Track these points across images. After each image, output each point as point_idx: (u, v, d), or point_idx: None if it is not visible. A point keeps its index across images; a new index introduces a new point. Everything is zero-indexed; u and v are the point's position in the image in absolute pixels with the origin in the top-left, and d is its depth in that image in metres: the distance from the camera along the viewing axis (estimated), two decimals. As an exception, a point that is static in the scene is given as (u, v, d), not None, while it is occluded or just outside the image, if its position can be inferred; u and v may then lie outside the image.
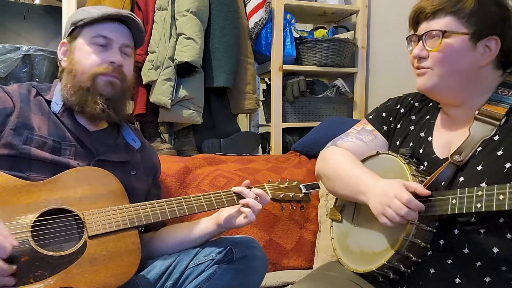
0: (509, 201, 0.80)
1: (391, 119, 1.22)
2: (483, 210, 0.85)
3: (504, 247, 0.91)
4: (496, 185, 0.84)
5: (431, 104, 1.17)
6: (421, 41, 1.03)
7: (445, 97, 1.07)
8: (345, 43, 2.26)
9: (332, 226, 1.26)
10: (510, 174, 0.91)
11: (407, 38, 1.10)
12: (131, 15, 1.17)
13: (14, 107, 1.07)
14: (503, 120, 0.98)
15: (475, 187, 0.88)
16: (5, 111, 1.06)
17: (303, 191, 1.30)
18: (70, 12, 1.94)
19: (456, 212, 0.90)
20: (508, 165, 0.92)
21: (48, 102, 1.14)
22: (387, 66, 2.25)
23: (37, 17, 2.72)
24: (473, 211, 0.87)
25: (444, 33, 0.99)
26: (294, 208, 1.29)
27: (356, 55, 2.38)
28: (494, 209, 0.83)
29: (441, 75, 1.01)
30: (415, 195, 0.96)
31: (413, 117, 1.18)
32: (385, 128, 1.22)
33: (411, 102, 1.21)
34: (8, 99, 1.08)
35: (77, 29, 1.15)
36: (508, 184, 0.82)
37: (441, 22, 1.00)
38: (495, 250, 0.91)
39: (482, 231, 0.93)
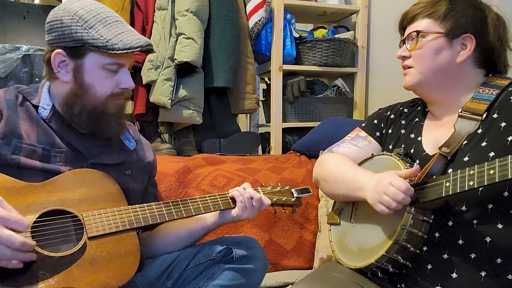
0: (499, 174, 0.84)
1: (382, 125, 1.28)
2: (475, 186, 0.89)
3: (496, 236, 0.96)
4: (486, 162, 0.88)
5: (419, 108, 1.23)
6: (404, 44, 1.15)
7: (430, 93, 1.14)
8: (345, 43, 2.26)
9: (330, 230, 1.27)
10: None
11: (399, 44, 1.20)
12: (151, 46, 1.09)
13: (1, 115, 1.03)
14: (484, 115, 1.04)
15: (467, 168, 0.92)
16: None
17: (295, 195, 1.33)
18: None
19: (450, 193, 0.94)
20: (492, 154, 0.98)
21: (36, 107, 1.08)
22: (387, 66, 2.25)
23: (37, 17, 2.72)
24: (466, 189, 0.91)
25: (419, 33, 1.10)
26: (286, 211, 1.33)
27: (356, 55, 2.38)
28: (486, 183, 0.87)
29: (422, 72, 1.11)
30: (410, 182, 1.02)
31: (403, 122, 1.24)
32: (377, 133, 1.28)
33: (400, 108, 1.28)
34: None
35: (84, 48, 1.03)
36: (497, 159, 0.86)
37: (420, 25, 1.11)
38: (488, 239, 0.96)
39: (475, 221, 0.98)
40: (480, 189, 0.96)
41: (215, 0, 2.00)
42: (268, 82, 2.38)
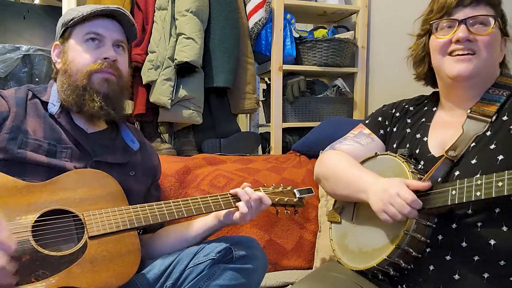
0: (508, 187, 0.82)
1: (387, 123, 1.24)
2: (482, 197, 0.86)
3: (500, 239, 0.94)
4: (494, 173, 0.85)
5: (426, 108, 1.20)
6: (463, 25, 1.02)
7: (467, 88, 1.07)
8: (345, 43, 2.26)
9: (330, 228, 1.26)
10: (503, 165, 0.94)
11: (431, 23, 1.08)
12: (121, 9, 1.15)
13: (9, 111, 1.07)
14: (494, 117, 1.02)
15: (474, 177, 0.89)
16: (0, 116, 1.06)
17: (297, 196, 1.32)
18: (70, 12, 1.94)
19: (456, 202, 0.91)
20: (500, 157, 0.96)
21: (45, 104, 1.13)
22: (387, 66, 2.25)
23: (37, 17, 2.72)
24: (473, 199, 0.88)
25: (496, 19, 1.02)
26: (289, 212, 1.31)
27: (356, 55, 2.38)
28: (493, 195, 0.84)
29: (485, 60, 1.02)
30: (416, 191, 0.98)
31: (409, 120, 1.21)
32: (381, 131, 1.25)
33: (406, 106, 1.24)
34: (3, 103, 1.08)
35: (68, 29, 1.15)
36: (506, 171, 0.83)
37: (485, 11, 1.02)
38: (492, 242, 0.94)
39: (479, 224, 0.96)
40: None
41: (215, 0, 2.01)
42: (268, 82, 2.38)
